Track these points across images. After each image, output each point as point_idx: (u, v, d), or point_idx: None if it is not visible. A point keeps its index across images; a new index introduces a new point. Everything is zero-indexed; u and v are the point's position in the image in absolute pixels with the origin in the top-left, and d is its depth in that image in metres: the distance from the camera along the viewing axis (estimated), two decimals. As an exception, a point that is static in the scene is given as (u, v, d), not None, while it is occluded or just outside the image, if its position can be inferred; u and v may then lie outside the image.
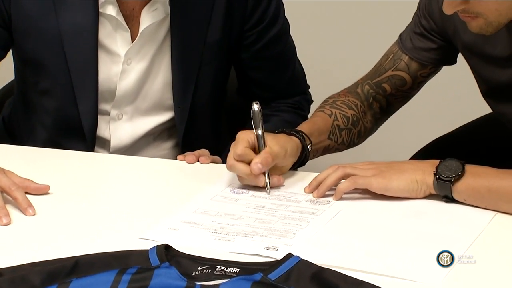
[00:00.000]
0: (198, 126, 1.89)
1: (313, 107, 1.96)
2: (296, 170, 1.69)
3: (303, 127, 1.72)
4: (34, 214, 1.49)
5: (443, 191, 1.55)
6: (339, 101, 1.81)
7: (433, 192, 1.56)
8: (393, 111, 1.89)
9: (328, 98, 1.83)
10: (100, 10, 1.78)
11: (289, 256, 1.30)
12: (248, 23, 1.86)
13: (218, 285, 1.25)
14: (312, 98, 2.03)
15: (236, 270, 1.28)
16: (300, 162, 1.68)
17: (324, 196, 1.57)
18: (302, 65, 2.01)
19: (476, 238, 1.45)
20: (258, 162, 1.55)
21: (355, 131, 1.81)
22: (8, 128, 1.82)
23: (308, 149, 1.68)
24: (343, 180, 1.58)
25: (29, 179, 1.54)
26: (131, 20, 1.81)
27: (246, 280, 1.26)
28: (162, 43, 1.83)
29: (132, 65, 1.83)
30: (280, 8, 1.91)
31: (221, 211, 1.52)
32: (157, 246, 1.32)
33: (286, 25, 1.93)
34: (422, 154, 1.91)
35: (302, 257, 1.33)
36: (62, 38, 1.79)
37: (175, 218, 1.50)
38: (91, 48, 1.80)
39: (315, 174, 1.62)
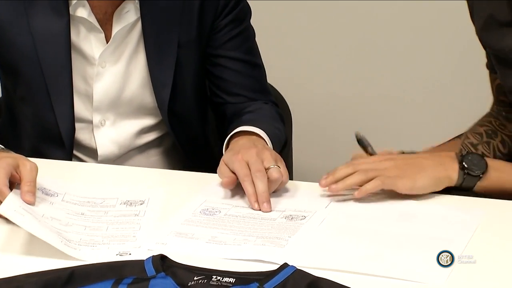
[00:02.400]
0: (185, 129, 1.88)
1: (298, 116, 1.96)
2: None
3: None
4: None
5: (467, 185, 1.57)
6: (471, 127, 1.82)
7: (452, 185, 1.57)
8: None
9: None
10: (71, 13, 1.78)
11: (284, 266, 1.30)
12: (218, 19, 1.86)
13: None
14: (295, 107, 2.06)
15: (232, 280, 1.28)
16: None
17: (298, 211, 1.55)
18: (289, 74, 2.04)
19: (470, 238, 1.45)
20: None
21: (496, 143, 1.79)
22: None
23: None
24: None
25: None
26: (105, 23, 1.81)
27: None
28: (137, 45, 1.83)
29: (107, 67, 1.83)
30: (248, 12, 1.91)
31: (204, 226, 1.51)
32: (153, 256, 1.32)
33: (252, 30, 1.93)
34: None
35: (299, 261, 1.34)
36: (35, 42, 1.79)
37: (163, 231, 1.49)
38: (64, 51, 1.80)
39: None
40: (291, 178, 1.66)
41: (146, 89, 1.85)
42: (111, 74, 1.83)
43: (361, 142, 1.63)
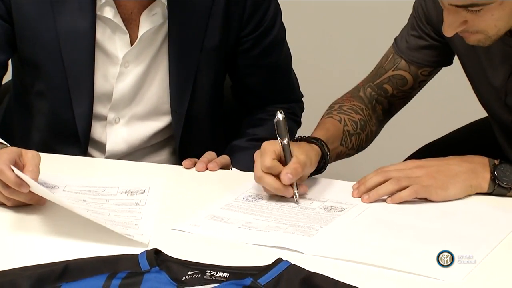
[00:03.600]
0: (196, 132, 1.89)
1: (307, 114, 1.95)
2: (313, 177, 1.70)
3: (319, 134, 1.72)
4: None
5: (498, 194, 1.59)
6: (345, 106, 1.82)
7: (483, 192, 1.59)
8: (394, 112, 1.90)
9: (333, 103, 1.84)
10: (98, 12, 1.79)
11: (279, 260, 1.30)
12: (245, 30, 1.86)
13: None
14: (305, 106, 2.04)
15: (226, 275, 1.28)
16: (316, 171, 1.67)
17: (338, 203, 1.57)
18: (297, 73, 2.02)
19: (500, 242, 1.44)
20: (288, 173, 1.54)
21: (364, 135, 1.82)
22: (2, 130, 1.81)
23: (327, 156, 1.68)
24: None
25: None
26: (130, 23, 1.81)
27: (236, 285, 1.26)
28: (160, 48, 1.84)
29: (129, 68, 1.83)
30: (278, 15, 1.91)
31: (242, 211, 1.54)
32: (147, 250, 1.32)
33: (282, 32, 1.93)
34: (416, 157, 1.90)
35: (321, 251, 1.38)
36: (59, 40, 1.79)
37: (197, 217, 1.52)
38: (88, 50, 1.80)
39: (327, 179, 1.65)
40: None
41: (164, 92, 1.86)
42: (133, 75, 1.84)
43: (280, 127, 1.59)
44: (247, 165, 1.63)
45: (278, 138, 1.58)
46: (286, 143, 1.57)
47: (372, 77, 1.86)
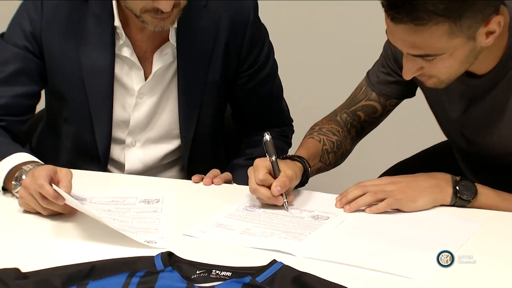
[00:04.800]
0: (201, 153, 1.87)
1: (296, 135, 1.95)
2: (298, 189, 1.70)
3: (302, 152, 1.72)
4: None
5: (459, 205, 1.59)
6: (324, 128, 1.82)
7: (446, 204, 1.59)
8: (365, 134, 1.89)
9: (314, 125, 1.83)
10: (117, 51, 1.78)
11: (273, 262, 1.30)
12: (243, 66, 1.85)
13: (213, 286, 1.25)
14: (294, 128, 2.02)
15: (228, 273, 1.28)
16: (301, 183, 1.68)
17: (324, 212, 1.57)
18: (287, 101, 2.01)
19: (461, 246, 1.42)
20: (278, 186, 1.55)
21: (339, 153, 1.81)
22: (36, 151, 1.80)
23: (309, 172, 1.68)
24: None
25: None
26: (144, 61, 1.80)
27: (237, 282, 1.26)
28: (170, 82, 1.82)
29: (144, 99, 1.82)
30: (271, 53, 1.90)
31: (242, 219, 1.54)
32: (162, 253, 1.32)
33: (274, 67, 1.92)
34: (389, 174, 1.90)
35: (310, 253, 1.38)
36: (83, 75, 1.77)
37: (205, 224, 1.51)
38: (108, 84, 1.79)
39: (313, 192, 1.65)
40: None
41: (174, 119, 1.84)
42: (147, 105, 1.83)
43: (268, 146, 1.60)
44: (245, 181, 1.63)
45: (267, 155, 1.58)
46: (274, 159, 1.58)
47: (348, 105, 1.85)
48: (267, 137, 1.59)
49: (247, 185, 1.61)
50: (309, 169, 1.68)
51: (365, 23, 2.41)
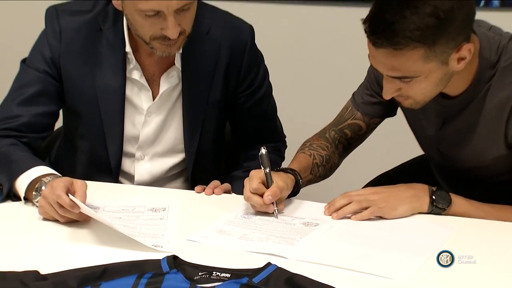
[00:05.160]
0: (203, 165, 1.86)
1: (289, 150, 1.97)
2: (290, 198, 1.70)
3: (294, 166, 1.72)
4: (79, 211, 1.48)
5: (435, 213, 1.59)
6: (314, 144, 1.82)
7: (424, 212, 1.59)
8: (352, 149, 1.89)
9: (305, 142, 1.84)
10: (128, 75, 1.77)
11: (268, 264, 1.31)
12: (241, 88, 1.85)
13: (214, 287, 1.25)
14: (287, 143, 2.03)
15: (228, 275, 1.29)
16: (293, 193, 1.69)
17: (314, 219, 1.57)
18: (281, 119, 2.02)
19: (438, 249, 1.41)
20: (269, 195, 1.56)
21: (328, 166, 1.81)
22: (54, 164, 1.80)
23: (300, 183, 1.69)
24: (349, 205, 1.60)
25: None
26: (152, 83, 1.80)
27: (236, 283, 1.26)
28: (176, 102, 1.82)
29: (152, 117, 1.82)
30: (266, 75, 1.90)
31: (240, 226, 1.54)
32: (167, 256, 1.32)
33: (269, 88, 1.92)
34: (372, 185, 1.91)
35: (302, 257, 1.37)
36: (97, 96, 1.77)
37: (206, 229, 1.52)
38: (120, 103, 1.78)
39: (304, 201, 1.65)
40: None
41: (179, 135, 1.84)
42: (154, 122, 1.82)
43: (263, 159, 1.61)
44: (243, 191, 1.65)
45: (262, 167, 1.59)
46: (268, 171, 1.59)
47: (335, 124, 1.86)
48: (262, 150, 1.60)
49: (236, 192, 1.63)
50: (300, 180, 1.68)
51: (350, 50, 2.40)
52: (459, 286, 1.27)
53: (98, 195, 1.61)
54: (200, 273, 1.29)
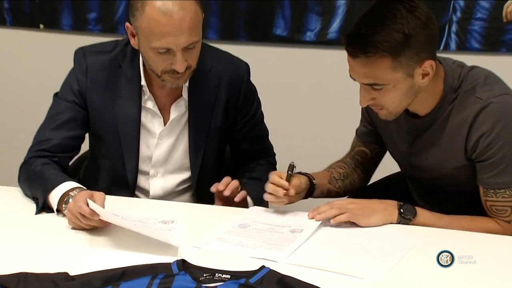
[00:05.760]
0: (206, 181, 1.85)
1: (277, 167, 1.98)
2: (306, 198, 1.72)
3: (311, 173, 1.76)
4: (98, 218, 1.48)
5: (403, 223, 1.59)
6: (334, 165, 1.86)
7: (393, 222, 1.59)
8: (370, 173, 1.90)
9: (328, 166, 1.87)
10: (143, 104, 1.78)
11: (262, 267, 1.32)
12: (239, 115, 1.86)
13: (216, 286, 1.26)
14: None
15: (228, 276, 1.30)
16: (309, 193, 1.72)
17: (299, 226, 1.57)
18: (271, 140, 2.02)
19: (405, 254, 1.39)
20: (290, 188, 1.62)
21: (347, 181, 1.83)
22: (82, 181, 1.80)
23: (314, 182, 1.72)
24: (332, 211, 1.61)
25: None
26: (163, 111, 1.80)
27: (235, 283, 1.28)
28: (183, 127, 1.82)
29: (163, 140, 1.82)
30: (259, 105, 1.92)
31: (237, 234, 1.54)
32: (177, 260, 1.33)
33: (262, 116, 1.94)
34: (352, 197, 1.94)
35: (290, 260, 1.38)
36: (117, 122, 1.78)
37: (208, 237, 1.52)
38: (136, 129, 1.79)
39: (291, 211, 1.65)
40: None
41: (186, 156, 1.83)
42: (165, 145, 1.82)
43: (290, 168, 1.63)
44: (251, 193, 1.69)
45: (288, 171, 1.63)
46: (289, 173, 1.63)
47: (349, 152, 1.89)
48: (291, 163, 1.63)
49: (253, 196, 1.68)
50: (314, 181, 1.72)
51: (330, 86, 2.39)
52: (459, 286, 1.20)
53: (117, 207, 1.61)
54: (204, 275, 1.30)
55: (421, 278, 1.28)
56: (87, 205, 1.48)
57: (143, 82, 1.78)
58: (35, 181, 1.68)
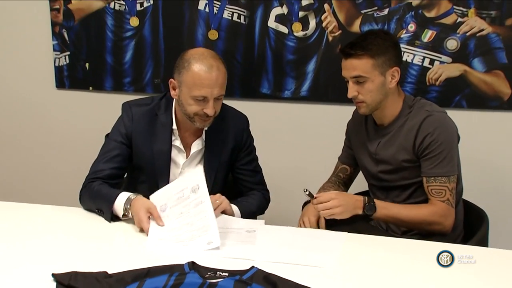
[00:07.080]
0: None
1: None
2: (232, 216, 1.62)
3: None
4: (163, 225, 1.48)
5: (368, 215, 1.59)
6: (325, 185, 1.85)
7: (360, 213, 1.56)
8: (348, 187, 1.90)
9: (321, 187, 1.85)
10: (172, 143, 1.80)
11: (252, 267, 1.30)
12: (241, 152, 1.86)
13: (217, 282, 1.25)
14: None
15: (226, 274, 1.28)
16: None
17: (250, 228, 1.52)
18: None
19: (340, 246, 1.34)
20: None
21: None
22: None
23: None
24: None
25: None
26: (186, 147, 1.81)
27: (231, 279, 1.26)
28: (200, 160, 1.83)
29: (185, 170, 1.81)
30: (254, 147, 1.92)
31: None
32: (188, 262, 1.31)
33: (256, 156, 1.93)
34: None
35: (269, 257, 1.36)
36: (153, 156, 1.78)
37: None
38: (167, 162, 1.77)
39: (236, 218, 1.60)
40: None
41: None
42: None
43: (309, 195, 1.59)
44: (240, 206, 1.69)
45: (311, 199, 1.58)
46: (310, 199, 1.59)
47: (333, 173, 1.89)
48: (306, 191, 1.59)
49: (239, 208, 1.67)
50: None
51: (318, 133, 2.35)
52: (459, 286, 0.99)
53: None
54: (209, 273, 1.28)
55: (421, 278, 1.08)
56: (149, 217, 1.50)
57: (174, 127, 1.79)
58: (98, 197, 1.68)
